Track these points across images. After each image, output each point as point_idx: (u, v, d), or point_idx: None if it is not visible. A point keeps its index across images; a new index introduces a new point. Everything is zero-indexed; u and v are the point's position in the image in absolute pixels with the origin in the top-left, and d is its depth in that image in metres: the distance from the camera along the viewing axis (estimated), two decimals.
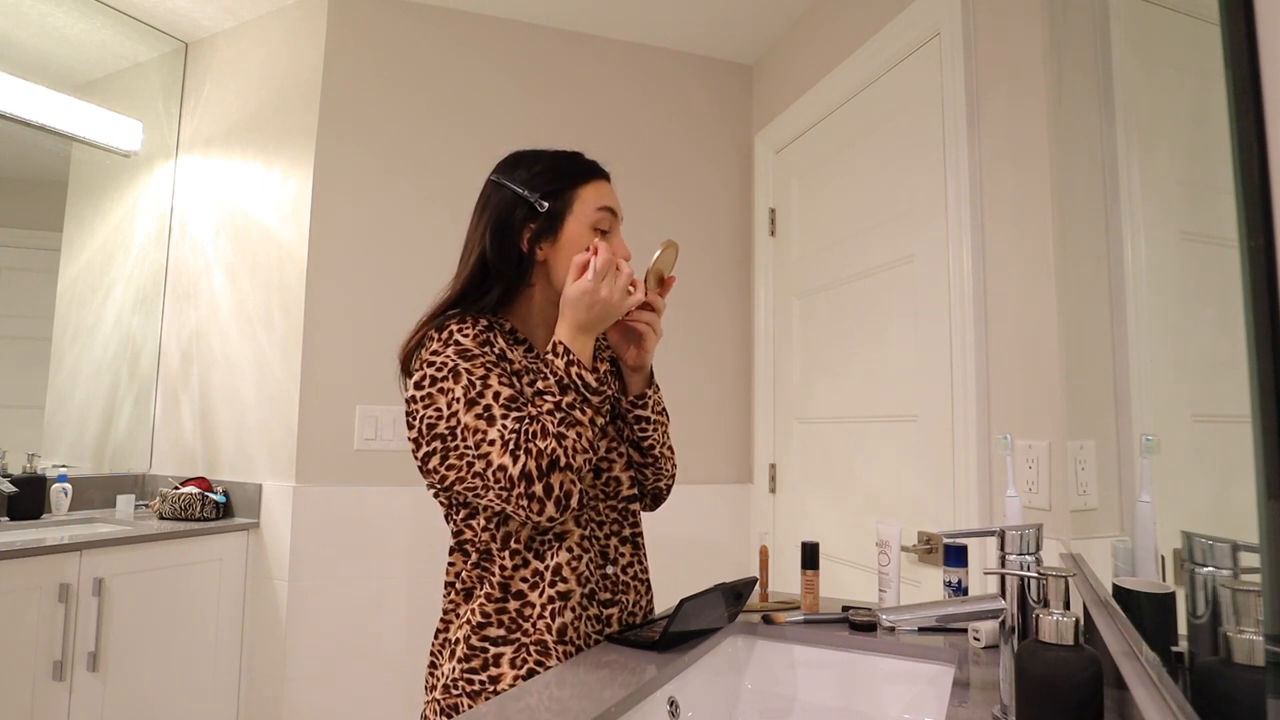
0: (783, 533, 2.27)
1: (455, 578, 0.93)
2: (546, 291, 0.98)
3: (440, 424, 0.86)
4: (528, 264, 0.96)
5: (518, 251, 0.95)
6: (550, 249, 0.96)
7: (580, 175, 0.98)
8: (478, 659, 0.88)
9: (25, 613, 1.66)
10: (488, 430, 0.83)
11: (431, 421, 0.86)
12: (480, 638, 0.88)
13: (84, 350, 2.30)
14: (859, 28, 1.97)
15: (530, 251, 0.95)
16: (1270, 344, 0.34)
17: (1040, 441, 1.32)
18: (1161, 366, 0.63)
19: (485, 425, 0.83)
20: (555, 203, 0.95)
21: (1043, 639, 0.63)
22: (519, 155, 1.00)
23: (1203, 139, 0.47)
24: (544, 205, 0.95)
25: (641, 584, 1.02)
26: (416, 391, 0.88)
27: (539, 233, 0.95)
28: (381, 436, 2.16)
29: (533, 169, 0.97)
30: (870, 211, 1.92)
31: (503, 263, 0.95)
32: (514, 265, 0.95)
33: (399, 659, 2.12)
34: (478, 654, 0.88)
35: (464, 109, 2.33)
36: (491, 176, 1.00)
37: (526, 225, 0.95)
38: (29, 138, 2.17)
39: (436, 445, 0.86)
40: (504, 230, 0.95)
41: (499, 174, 0.99)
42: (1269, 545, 0.35)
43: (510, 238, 0.95)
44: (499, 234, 0.95)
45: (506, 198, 0.96)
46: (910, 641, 1.02)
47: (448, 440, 0.85)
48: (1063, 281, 1.27)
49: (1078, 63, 1.03)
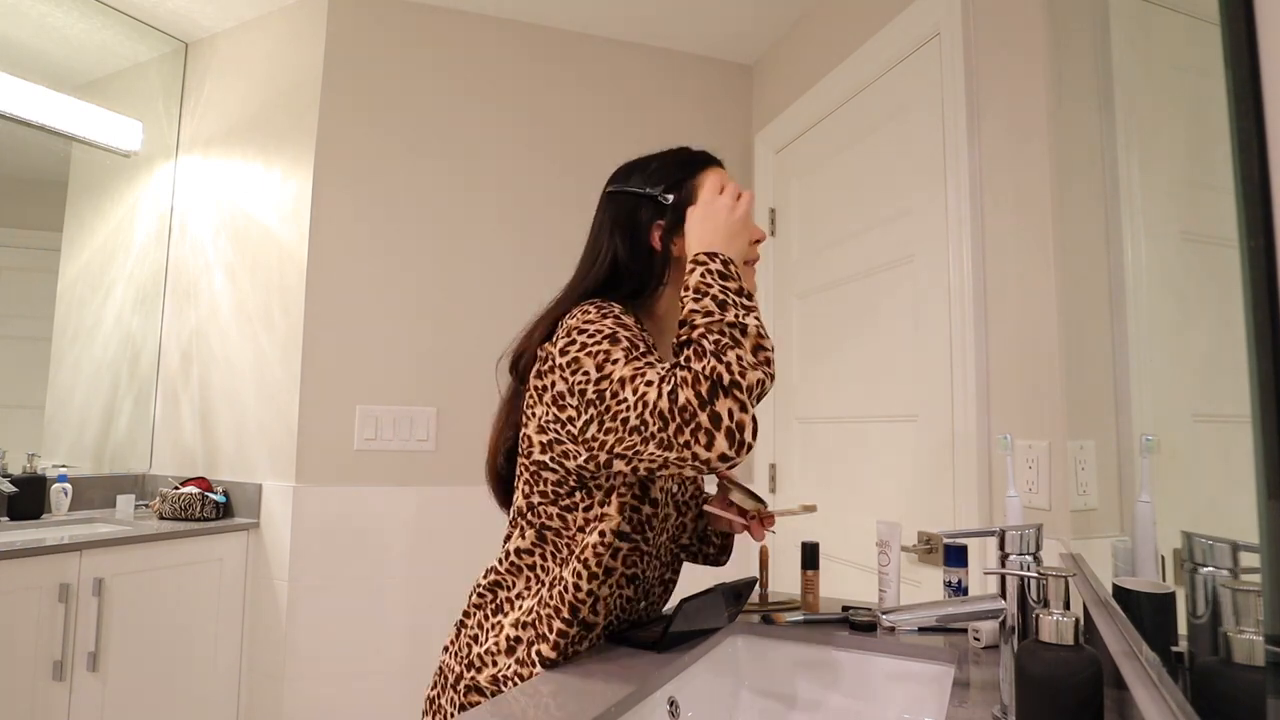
0: (783, 532, 2.27)
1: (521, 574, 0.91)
2: (679, 290, 0.95)
3: (589, 388, 0.80)
4: (663, 261, 0.94)
5: (649, 248, 0.94)
6: (683, 243, 0.93)
7: (696, 164, 0.97)
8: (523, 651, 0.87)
9: (25, 613, 1.66)
10: (647, 373, 0.76)
11: (582, 387, 0.81)
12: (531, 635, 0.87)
13: (84, 350, 2.30)
14: (859, 28, 1.97)
15: (665, 249, 0.94)
16: (1270, 344, 0.34)
17: (1040, 441, 1.32)
18: (1161, 366, 0.63)
19: (646, 369, 0.77)
20: (679, 195, 0.94)
21: (1043, 639, 0.63)
22: (629, 164, 1.00)
23: (1203, 139, 0.47)
24: (668, 198, 0.94)
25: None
26: (562, 359, 0.84)
27: (669, 228, 0.94)
28: (381, 436, 2.16)
29: (647, 170, 0.97)
30: (870, 211, 1.92)
31: (635, 261, 0.94)
32: (647, 263, 0.94)
33: (399, 659, 2.11)
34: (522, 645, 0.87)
35: (463, 108, 2.33)
36: (607, 189, 0.99)
37: (654, 223, 0.94)
38: (29, 138, 2.17)
39: (592, 412, 0.80)
40: (633, 230, 0.94)
41: (614, 184, 0.99)
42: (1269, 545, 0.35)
43: (640, 236, 0.94)
44: (630, 233, 0.94)
45: (627, 202, 0.96)
46: (910, 641, 1.02)
47: (597, 405, 0.79)
48: (1063, 281, 1.27)
49: (1078, 62, 1.03)
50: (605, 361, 0.80)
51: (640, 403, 0.75)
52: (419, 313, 2.23)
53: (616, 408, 0.77)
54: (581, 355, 0.82)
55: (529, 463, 0.90)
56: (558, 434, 0.87)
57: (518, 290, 2.31)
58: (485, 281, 2.31)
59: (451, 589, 2.14)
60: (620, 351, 0.80)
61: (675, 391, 0.73)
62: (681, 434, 0.71)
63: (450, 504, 2.16)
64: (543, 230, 2.36)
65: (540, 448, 0.89)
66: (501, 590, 0.92)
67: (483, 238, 2.32)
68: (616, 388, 0.77)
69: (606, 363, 0.80)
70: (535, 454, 0.90)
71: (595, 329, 0.83)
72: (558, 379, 0.85)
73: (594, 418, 0.79)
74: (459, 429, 2.22)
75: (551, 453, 0.88)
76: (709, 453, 0.71)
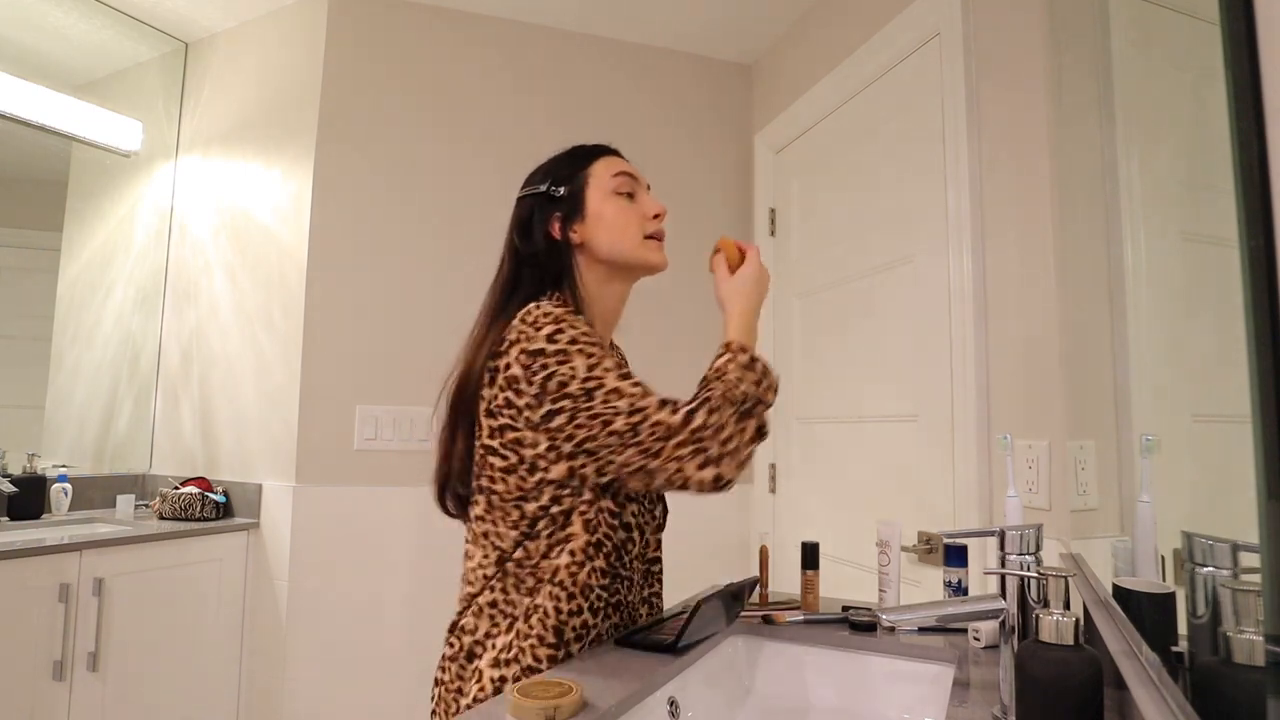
0: (783, 533, 2.27)
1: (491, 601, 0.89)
2: (595, 271, 0.99)
3: (573, 384, 0.83)
4: (565, 249, 0.98)
5: (547, 237, 0.97)
6: (582, 228, 0.98)
7: (587, 156, 1.02)
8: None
9: (25, 613, 1.66)
10: (646, 395, 0.82)
11: (564, 379, 0.83)
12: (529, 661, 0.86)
13: (84, 350, 2.30)
14: (859, 28, 1.97)
15: (564, 237, 0.97)
16: (1270, 344, 0.34)
17: (1040, 441, 1.32)
18: (1161, 366, 0.63)
19: (642, 391, 0.83)
20: (570, 185, 0.99)
21: (1043, 639, 0.63)
22: (531, 171, 1.05)
23: (1203, 139, 0.47)
24: (559, 190, 0.98)
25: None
26: (549, 345, 0.84)
27: (566, 217, 0.98)
28: (381, 436, 2.16)
29: (543, 170, 1.02)
30: (870, 211, 1.92)
31: (537, 254, 0.97)
32: (550, 253, 0.97)
33: (399, 659, 2.11)
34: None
35: (464, 108, 2.33)
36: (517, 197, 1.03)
37: (552, 216, 0.98)
38: (29, 138, 2.17)
39: (565, 404, 0.82)
40: (529, 226, 0.99)
41: (520, 192, 1.03)
42: (1269, 545, 0.35)
43: (535, 230, 0.98)
44: (526, 230, 0.99)
45: (526, 203, 1.01)
46: (910, 641, 1.02)
47: (579, 400, 0.82)
48: (1063, 281, 1.27)
49: (1078, 63, 1.03)
50: (597, 365, 0.83)
51: (637, 413, 0.81)
52: (419, 313, 2.23)
53: (602, 409, 0.82)
54: (569, 349, 0.84)
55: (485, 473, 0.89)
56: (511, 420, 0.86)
57: None
58: (486, 281, 2.28)
59: (451, 589, 2.13)
60: (611, 364, 0.85)
61: (693, 413, 0.80)
62: (682, 449, 0.79)
63: None
64: None
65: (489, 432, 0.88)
66: (467, 635, 0.90)
67: (483, 236, 2.32)
68: (609, 395, 0.82)
69: (598, 367, 0.83)
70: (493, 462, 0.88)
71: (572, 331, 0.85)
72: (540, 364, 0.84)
73: (564, 410, 0.83)
74: None
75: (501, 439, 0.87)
76: (699, 473, 0.80)
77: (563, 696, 0.68)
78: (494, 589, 0.89)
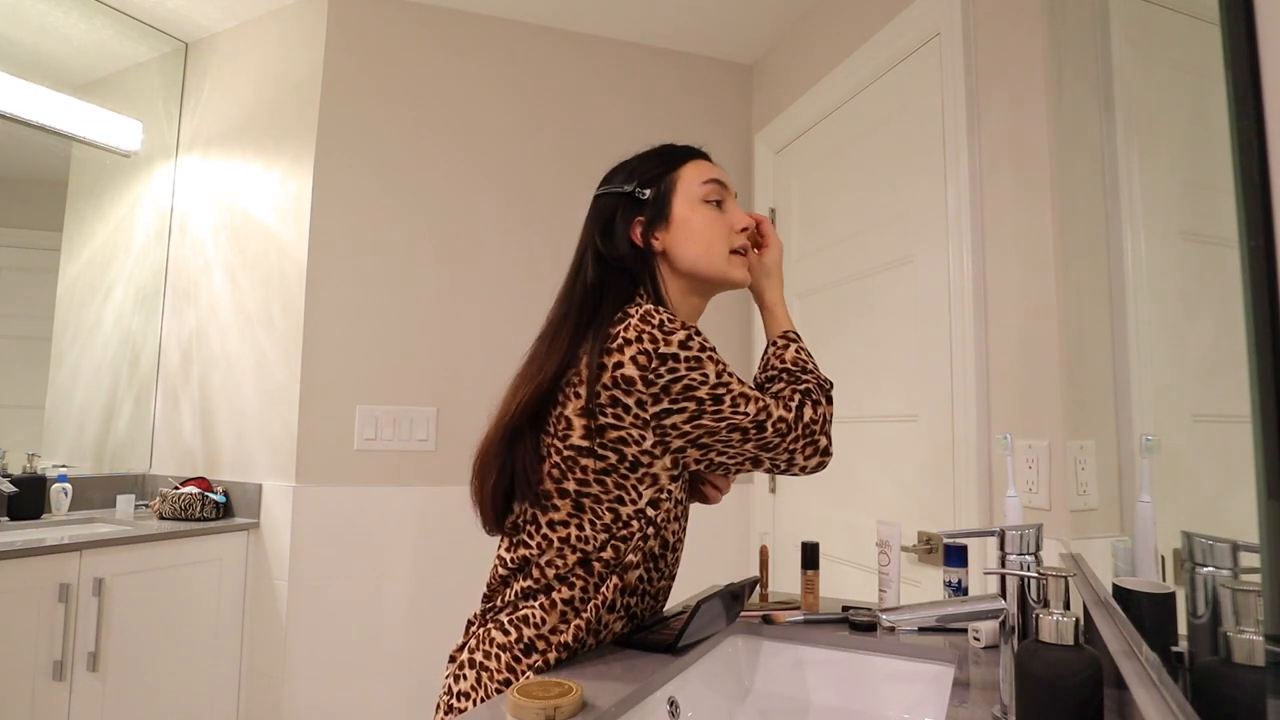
0: (783, 533, 2.27)
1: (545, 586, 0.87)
2: (677, 283, 0.95)
3: (702, 389, 0.82)
4: (647, 256, 0.93)
5: (629, 243, 0.93)
6: (665, 235, 0.93)
7: (677, 158, 0.97)
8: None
9: (25, 613, 1.66)
10: (759, 395, 0.87)
11: (692, 384, 0.82)
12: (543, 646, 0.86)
13: (84, 350, 2.30)
14: (859, 28, 1.97)
15: (646, 244, 0.93)
16: (1270, 344, 0.34)
17: (1040, 441, 1.32)
18: (1161, 366, 0.63)
19: (754, 391, 0.88)
20: (657, 189, 0.94)
21: (1043, 639, 0.63)
22: (616, 166, 1.00)
23: (1203, 139, 0.47)
24: (644, 193, 0.94)
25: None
26: (682, 351, 0.82)
27: (650, 222, 0.93)
28: (381, 436, 2.16)
29: (627, 169, 0.97)
30: (870, 211, 1.92)
31: (618, 258, 0.93)
32: (632, 259, 0.93)
33: (399, 659, 2.11)
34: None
35: (464, 108, 2.33)
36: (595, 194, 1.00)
37: (634, 220, 0.94)
38: (29, 138, 2.17)
39: (689, 406, 0.82)
40: (611, 228, 0.94)
41: (598, 190, 0.99)
42: (1269, 545, 0.35)
43: (618, 233, 0.94)
44: (608, 233, 0.94)
45: (608, 202, 0.96)
46: (910, 641, 1.02)
47: (705, 404, 0.83)
48: (1063, 282, 1.27)
49: (1078, 63, 1.03)
50: (724, 372, 0.85)
51: (762, 411, 0.86)
52: (419, 312, 2.23)
53: (726, 412, 0.84)
54: (702, 357, 0.84)
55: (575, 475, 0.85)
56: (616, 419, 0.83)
57: (518, 290, 2.31)
58: (486, 281, 2.31)
59: (451, 589, 2.14)
60: (730, 373, 0.87)
61: (802, 409, 0.89)
62: (797, 442, 0.88)
63: (450, 504, 2.16)
64: (543, 230, 2.36)
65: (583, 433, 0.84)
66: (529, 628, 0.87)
67: (483, 237, 2.32)
68: (737, 400, 0.85)
69: (724, 373, 0.85)
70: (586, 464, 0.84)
71: (700, 342, 0.84)
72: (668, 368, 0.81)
73: (686, 410, 0.83)
74: (459, 429, 2.22)
75: (601, 438, 0.83)
76: (806, 461, 0.89)
77: (563, 696, 0.68)
78: (573, 586, 0.86)
